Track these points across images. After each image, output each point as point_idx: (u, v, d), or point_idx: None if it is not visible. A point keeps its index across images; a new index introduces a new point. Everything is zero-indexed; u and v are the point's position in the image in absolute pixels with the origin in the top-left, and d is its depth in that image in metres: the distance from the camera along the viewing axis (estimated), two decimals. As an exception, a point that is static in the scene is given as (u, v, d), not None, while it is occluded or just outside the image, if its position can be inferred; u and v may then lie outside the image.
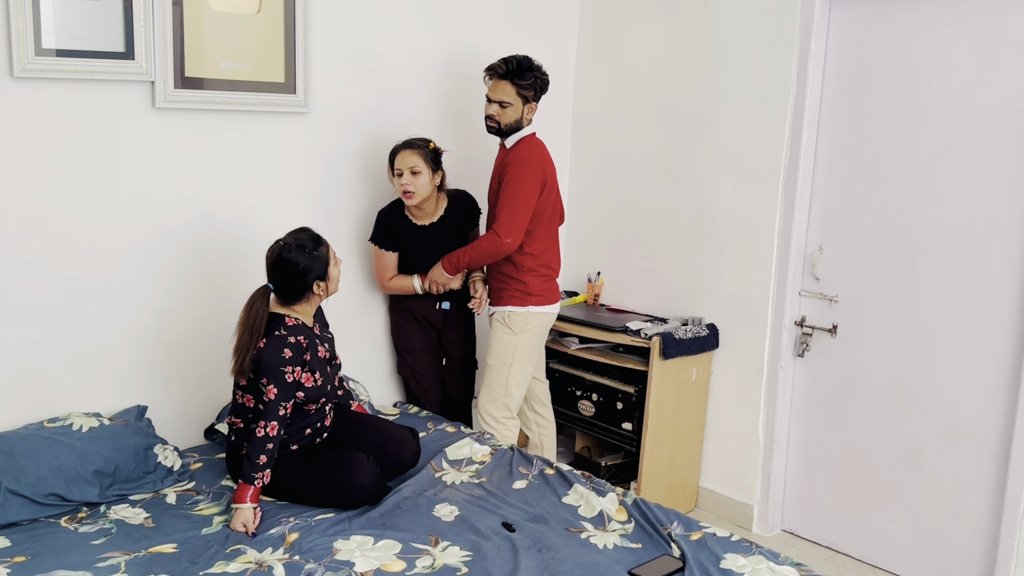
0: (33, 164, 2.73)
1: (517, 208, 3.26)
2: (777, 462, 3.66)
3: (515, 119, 3.33)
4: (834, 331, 3.50)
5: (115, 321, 2.96)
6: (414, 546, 2.46)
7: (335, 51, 3.36)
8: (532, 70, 3.30)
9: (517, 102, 3.31)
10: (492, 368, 3.46)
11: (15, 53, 2.61)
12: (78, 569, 2.27)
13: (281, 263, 2.68)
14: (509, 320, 3.41)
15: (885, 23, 3.26)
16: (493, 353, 3.46)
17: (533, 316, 3.42)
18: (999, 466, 3.11)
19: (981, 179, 3.07)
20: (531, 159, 3.31)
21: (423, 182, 3.32)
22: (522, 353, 3.44)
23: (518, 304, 3.40)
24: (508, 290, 3.41)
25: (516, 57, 3.31)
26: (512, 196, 3.26)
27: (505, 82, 3.29)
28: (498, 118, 3.33)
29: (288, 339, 2.66)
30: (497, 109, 3.32)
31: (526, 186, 3.27)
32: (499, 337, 3.44)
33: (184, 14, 2.92)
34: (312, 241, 2.73)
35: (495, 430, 3.44)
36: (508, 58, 3.31)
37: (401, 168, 3.32)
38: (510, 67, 3.28)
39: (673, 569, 2.40)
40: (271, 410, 2.62)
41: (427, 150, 3.34)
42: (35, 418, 2.81)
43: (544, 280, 3.44)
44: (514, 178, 3.28)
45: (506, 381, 3.44)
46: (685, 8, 3.76)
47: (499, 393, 3.44)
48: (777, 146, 3.50)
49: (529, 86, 3.30)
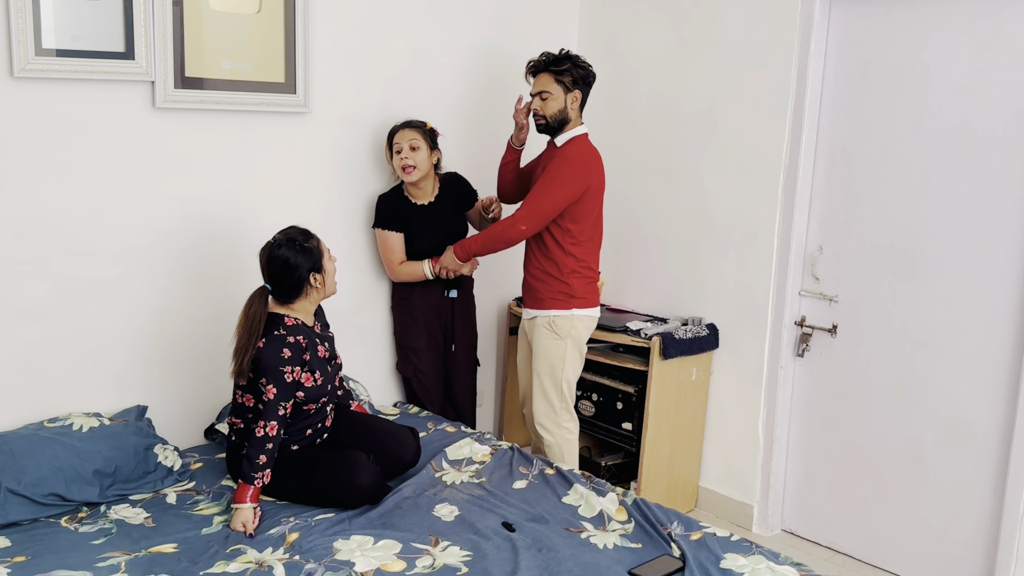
0: (33, 164, 2.73)
1: (545, 201, 3.19)
2: (777, 462, 3.66)
3: (559, 109, 3.25)
4: (834, 331, 3.50)
5: (115, 321, 2.96)
6: (414, 546, 2.46)
7: (335, 51, 3.36)
8: (569, 58, 3.26)
9: (558, 91, 3.24)
10: (541, 375, 3.37)
11: (15, 53, 2.61)
12: (78, 569, 2.27)
13: (274, 260, 2.69)
14: (554, 325, 3.33)
15: (885, 23, 3.26)
16: (539, 360, 3.36)
17: (578, 319, 3.34)
18: (999, 466, 3.11)
19: (981, 179, 3.08)
20: (577, 161, 3.23)
21: (422, 157, 3.37)
22: (572, 355, 3.36)
23: (562, 307, 3.32)
24: (551, 293, 3.32)
25: (552, 53, 3.30)
26: (544, 188, 3.20)
27: (543, 74, 3.26)
28: (542, 112, 3.26)
29: (287, 339, 2.66)
30: (539, 102, 3.27)
31: (563, 184, 3.19)
32: (546, 344, 3.35)
33: (184, 14, 2.92)
34: (302, 235, 2.74)
35: (558, 436, 3.37)
36: (547, 52, 3.30)
37: (400, 143, 3.37)
38: (547, 58, 3.27)
39: (673, 569, 2.40)
40: (271, 410, 2.62)
41: (425, 129, 3.40)
42: (35, 418, 2.81)
43: (587, 282, 3.36)
44: (553, 172, 3.20)
45: (560, 386, 3.36)
46: (685, 8, 3.76)
47: (555, 399, 3.37)
48: (777, 146, 3.50)
49: (566, 71, 3.24)
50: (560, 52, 3.28)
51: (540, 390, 3.40)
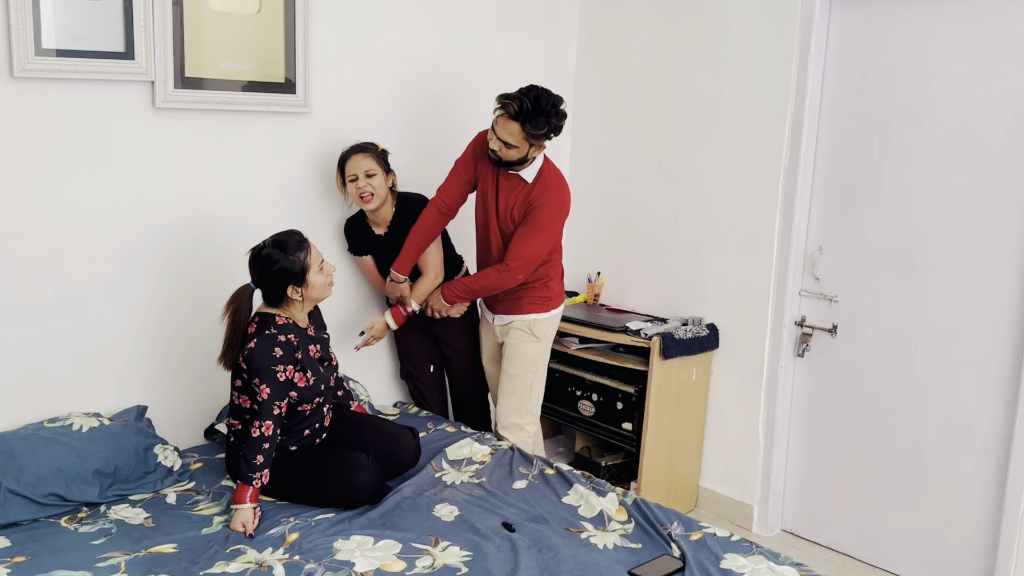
0: (33, 164, 2.73)
1: (537, 248, 3.16)
2: (777, 462, 3.66)
3: (519, 158, 3.07)
4: (834, 331, 3.50)
5: (115, 321, 2.96)
6: (414, 546, 2.46)
7: (335, 51, 3.35)
8: (548, 116, 2.96)
9: (523, 145, 3.03)
10: (516, 377, 3.38)
11: (15, 53, 2.61)
12: (78, 569, 2.27)
13: (253, 264, 2.69)
14: (534, 328, 3.34)
15: (885, 23, 3.26)
16: (517, 363, 3.37)
17: (554, 319, 3.40)
18: (999, 466, 3.11)
19: (981, 179, 3.07)
20: (555, 200, 3.15)
21: (379, 183, 3.26)
22: (545, 357, 3.41)
23: (542, 311, 3.34)
24: (529, 298, 3.32)
25: (535, 93, 2.96)
26: (534, 240, 3.14)
27: (515, 123, 2.97)
28: (501, 155, 3.07)
29: (278, 338, 2.66)
30: (500, 146, 3.04)
31: (550, 227, 3.16)
32: (523, 346, 3.35)
33: (184, 14, 2.92)
34: (294, 244, 2.69)
35: (519, 438, 3.39)
36: (525, 94, 2.96)
37: (355, 172, 3.24)
38: (523, 108, 2.94)
39: (673, 569, 2.40)
40: (265, 410, 2.62)
41: (376, 152, 3.28)
42: (35, 418, 2.81)
43: (560, 281, 3.43)
44: (540, 224, 3.13)
45: (530, 388, 3.38)
46: (685, 8, 3.76)
47: (523, 401, 3.39)
48: (777, 146, 3.50)
49: (542, 135, 3.01)
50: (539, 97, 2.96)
51: (510, 390, 3.39)
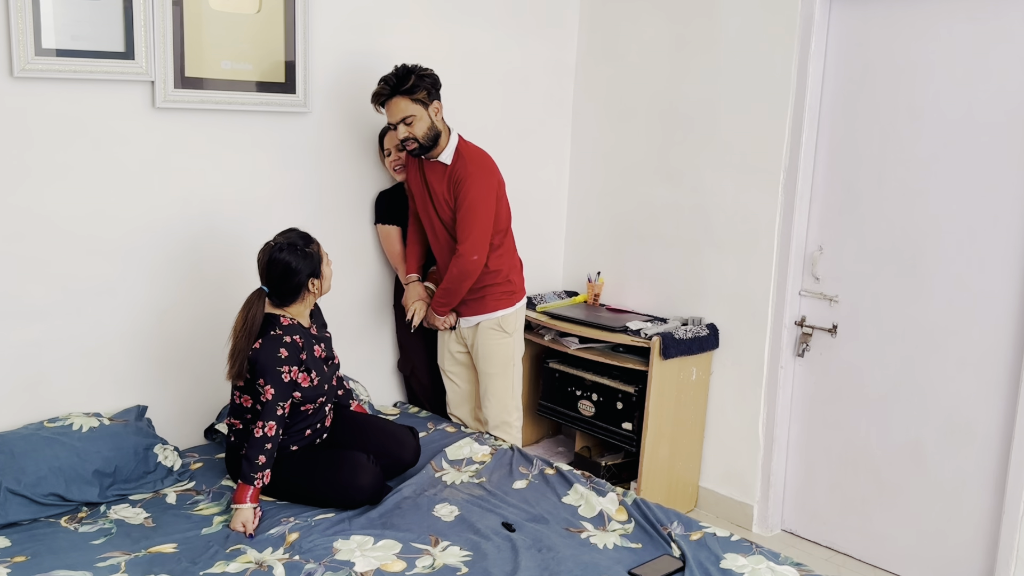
0: (33, 164, 2.73)
1: (478, 226, 3.18)
2: (777, 462, 3.66)
3: (428, 126, 3.13)
4: (834, 331, 3.50)
5: (115, 321, 2.96)
6: (414, 546, 2.46)
7: (335, 51, 3.35)
8: (416, 74, 3.09)
9: (418, 110, 3.10)
10: (495, 376, 3.40)
11: (15, 53, 2.61)
12: (78, 569, 2.27)
13: (274, 264, 2.68)
14: (503, 323, 3.38)
15: (885, 23, 3.26)
16: (493, 362, 3.40)
17: (520, 311, 3.44)
18: (999, 466, 3.11)
19: (981, 179, 3.07)
20: (480, 172, 3.20)
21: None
22: (519, 351, 3.45)
23: (507, 305, 3.38)
24: (493, 295, 3.35)
25: (393, 71, 3.11)
26: (472, 217, 3.17)
27: (395, 99, 3.09)
28: (413, 135, 3.12)
29: (284, 339, 2.66)
30: (404, 128, 3.11)
31: (482, 203, 3.18)
32: (496, 344, 3.39)
33: (184, 14, 2.92)
34: (302, 239, 2.74)
35: (510, 435, 3.43)
36: (386, 76, 3.11)
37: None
38: (392, 82, 3.08)
39: (673, 569, 2.40)
40: (269, 410, 2.62)
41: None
42: (35, 418, 2.81)
43: (520, 273, 3.47)
44: (470, 198, 3.16)
45: (512, 384, 3.43)
46: (685, 8, 3.76)
47: (507, 398, 3.43)
48: (777, 146, 3.50)
49: (418, 87, 3.08)
50: (397, 69, 3.11)
51: (493, 392, 3.42)
